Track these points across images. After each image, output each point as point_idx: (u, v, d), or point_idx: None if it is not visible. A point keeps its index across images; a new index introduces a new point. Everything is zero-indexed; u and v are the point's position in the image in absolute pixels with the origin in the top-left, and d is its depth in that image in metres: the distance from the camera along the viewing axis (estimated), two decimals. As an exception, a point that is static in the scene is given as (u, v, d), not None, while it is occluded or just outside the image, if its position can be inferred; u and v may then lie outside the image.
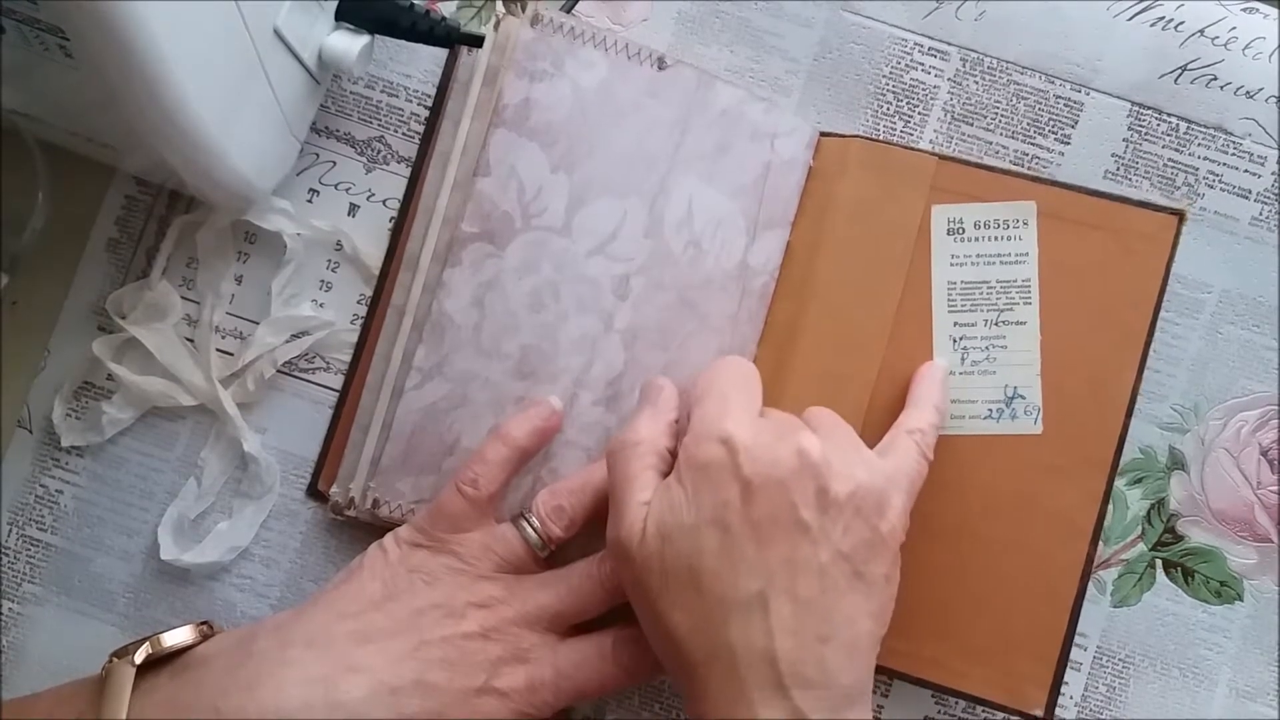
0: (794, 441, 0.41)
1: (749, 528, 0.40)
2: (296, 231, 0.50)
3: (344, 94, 0.51)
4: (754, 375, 0.45)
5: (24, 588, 0.51)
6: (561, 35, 0.47)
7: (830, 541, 0.40)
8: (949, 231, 0.48)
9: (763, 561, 0.40)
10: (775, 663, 0.39)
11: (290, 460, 0.51)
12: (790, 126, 0.49)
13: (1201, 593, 0.51)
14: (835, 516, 0.40)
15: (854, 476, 0.41)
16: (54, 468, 0.51)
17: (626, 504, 0.42)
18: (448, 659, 0.43)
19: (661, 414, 0.45)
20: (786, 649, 0.39)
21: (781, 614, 0.39)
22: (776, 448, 0.41)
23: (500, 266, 0.47)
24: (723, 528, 0.40)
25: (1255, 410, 0.51)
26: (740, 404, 0.43)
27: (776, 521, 0.40)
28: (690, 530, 0.40)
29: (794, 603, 0.39)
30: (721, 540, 0.40)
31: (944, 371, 0.48)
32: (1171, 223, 0.47)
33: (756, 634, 0.39)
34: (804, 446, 0.41)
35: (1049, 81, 0.51)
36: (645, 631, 0.43)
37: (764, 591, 0.39)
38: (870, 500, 0.41)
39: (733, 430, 0.41)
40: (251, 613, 0.50)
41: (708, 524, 0.40)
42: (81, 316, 0.51)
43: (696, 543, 0.40)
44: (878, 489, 0.41)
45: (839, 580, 0.40)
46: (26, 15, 0.37)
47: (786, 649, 0.39)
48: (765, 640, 0.39)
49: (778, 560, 0.40)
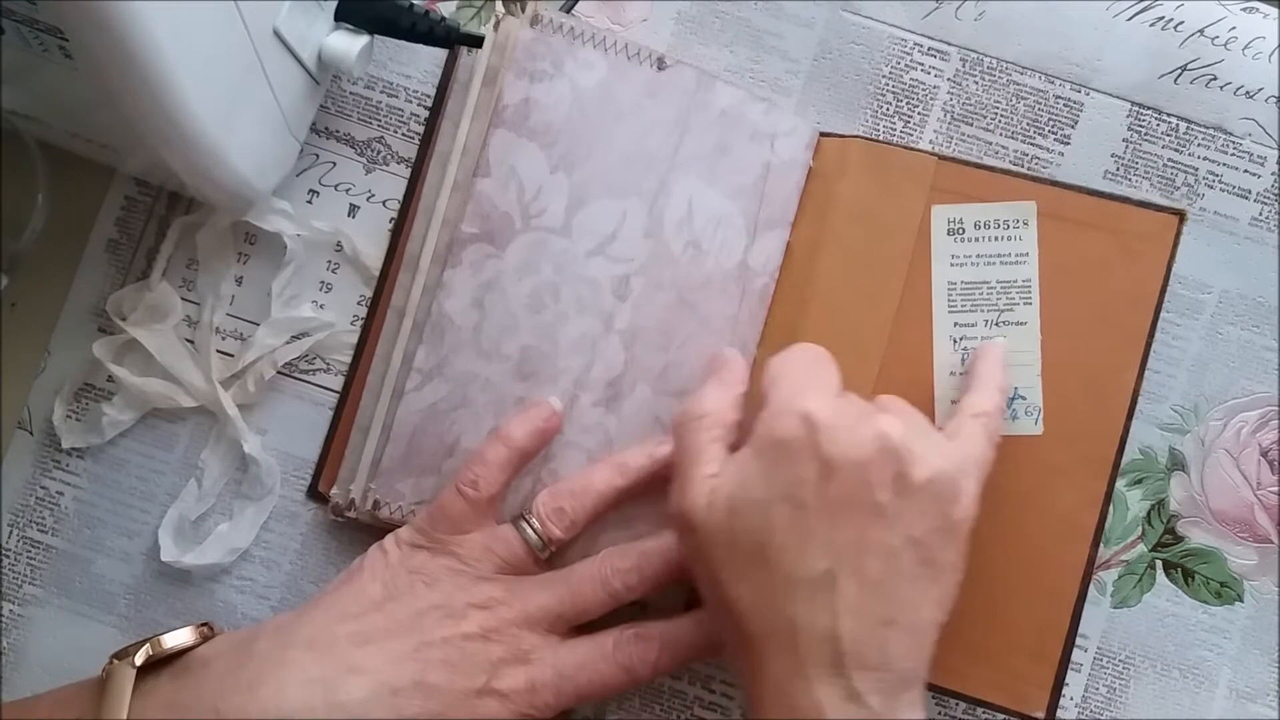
0: (875, 423, 0.40)
1: (824, 505, 0.40)
2: (296, 232, 0.50)
3: (344, 94, 0.51)
4: (829, 358, 0.44)
5: (24, 589, 0.51)
6: (561, 35, 0.47)
7: (903, 526, 0.40)
8: (949, 232, 0.48)
9: (834, 541, 0.39)
10: (837, 642, 0.39)
11: (290, 462, 0.51)
12: (790, 127, 0.49)
13: (1201, 594, 0.51)
14: (911, 501, 0.40)
15: (931, 463, 0.40)
16: (54, 469, 0.51)
17: (692, 476, 0.42)
18: (448, 660, 0.43)
19: (729, 386, 0.45)
20: (849, 629, 0.39)
21: (848, 594, 0.39)
22: (857, 428, 0.40)
23: (500, 267, 0.47)
24: (796, 504, 0.40)
25: (1255, 411, 0.51)
26: (820, 382, 0.42)
27: (852, 502, 0.40)
28: (761, 505, 0.40)
29: (861, 584, 0.39)
30: (793, 516, 0.40)
31: (1003, 350, 0.47)
32: (1172, 223, 0.47)
33: (821, 612, 0.39)
34: (885, 429, 0.40)
35: (1049, 81, 0.51)
36: (705, 603, 0.43)
37: (832, 570, 0.39)
38: (946, 487, 0.41)
39: (814, 408, 0.40)
40: (252, 614, 0.50)
41: (780, 499, 0.40)
42: (81, 318, 0.51)
43: (767, 517, 0.40)
44: (952, 476, 0.41)
45: (908, 565, 0.40)
46: (26, 15, 0.37)
47: (849, 629, 0.39)
48: (829, 619, 0.39)
49: (849, 540, 0.39)
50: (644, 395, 0.48)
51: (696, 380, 0.48)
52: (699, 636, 0.46)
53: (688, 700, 0.51)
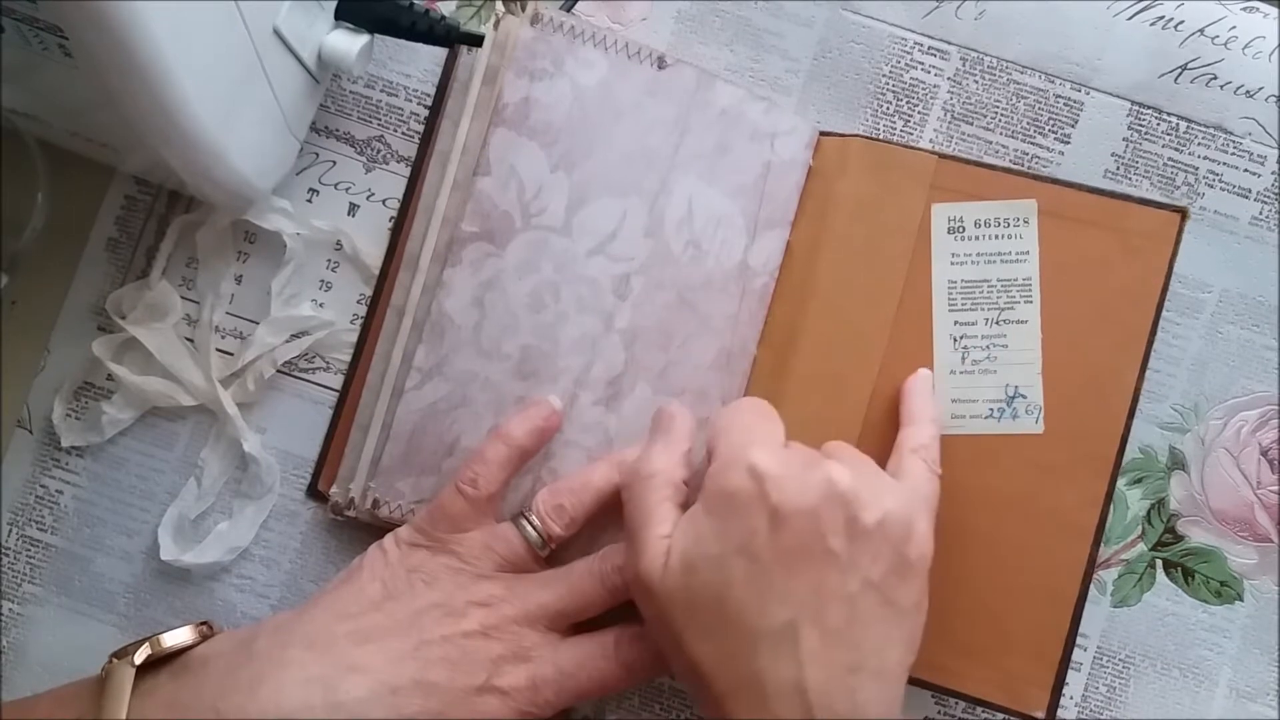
0: (822, 470, 0.40)
1: (778, 556, 0.39)
2: (296, 231, 0.50)
3: (344, 93, 0.51)
4: (772, 411, 0.44)
5: (24, 588, 0.51)
6: (561, 34, 0.47)
7: (859, 570, 0.40)
8: (949, 230, 0.48)
9: (791, 591, 0.39)
10: (805, 693, 0.39)
11: (290, 460, 0.51)
12: (790, 126, 0.49)
13: (1201, 593, 0.51)
14: (864, 545, 0.40)
15: (882, 504, 0.40)
16: (54, 468, 0.51)
17: (646, 538, 0.42)
18: (448, 658, 0.43)
19: (675, 444, 0.45)
20: (816, 679, 0.39)
21: (810, 644, 0.39)
22: (805, 477, 0.40)
23: (500, 266, 0.47)
24: (750, 557, 0.40)
25: (1255, 410, 0.51)
26: (765, 434, 0.42)
27: (805, 550, 0.40)
28: (717, 560, 0.40)
29: (823, 632, 0.39)
30: (749, 570, 0.40)
31: (930, 380, 0.47)
32: (1174, 220, 0.47)
33: (785, 664, 0.39)
34: (832, 475, 0.40)
35: (1049, 81, 0.51)
36: (671, 664, 0.43)
37: (793, 621, 0.39)
38: (898, 527, 0.41)
39: (760, 459, 0.40)
40: (251, 613, 0.50)
41: (735, 553, 0.40)
42: (81, 316, 0.51)
43: (724, 573, 0.40)
44: (905, 515, 0.41)
45: (868, 609, 0.40)
46: (26, 15, 0.37)
47: (816, 679, 0.39)
48: (794, 670, 0.39)
49: (806, 589, 0.39)
50: (644, 394, 0.48)
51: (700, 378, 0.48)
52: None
53: (687, 699, 0.51)
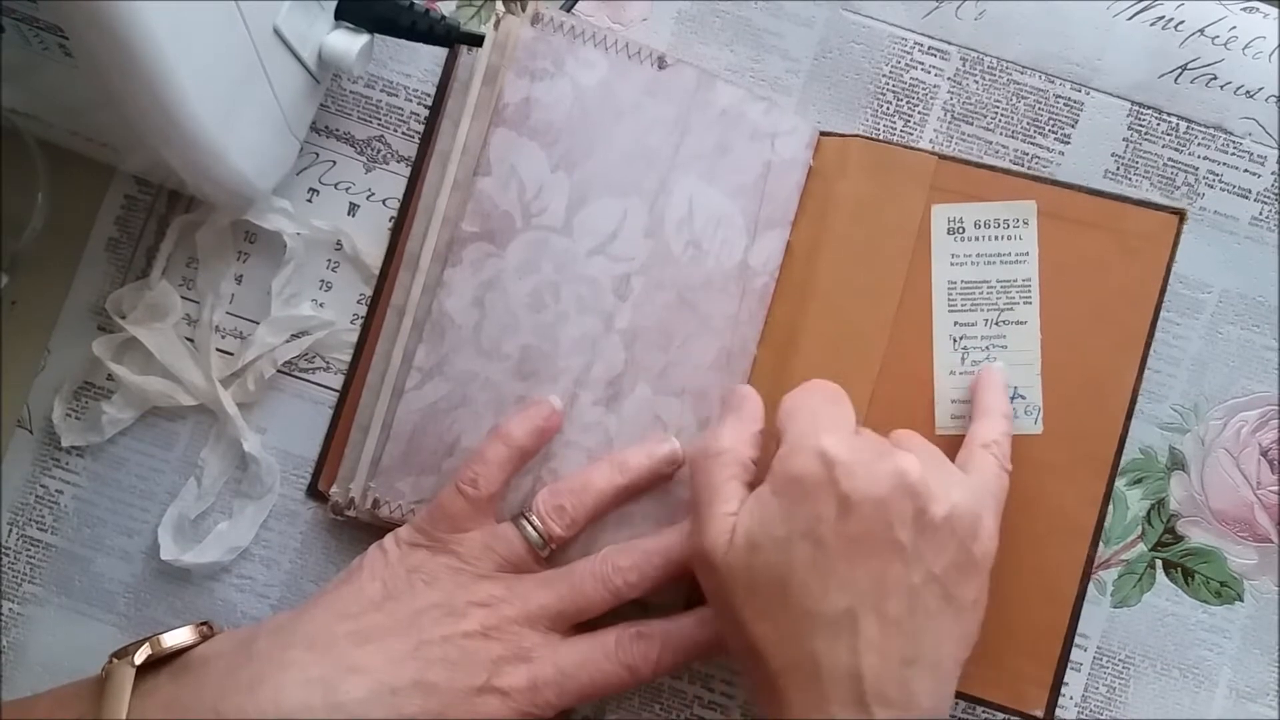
0: (893, 460, 0.40)
1: (842, 543, 0.39)
2: (296, 231, 0.50)
3: (344, 93, 0.51)
4: (844, 395, 0.44)
5: (24, 588, 0.51)
6: (561, 34, 0.47)
7: (924, 563, 0.40)
8: (949, 231, 0.48)
9: (854, 579, 0.39)
10: (859, 680, 0.39)
11: (290, 460, 0.51)
12: (790, 126, 0.49)
13: (1201, 593, 0.51)
14: (930, 538, 0.40)
15: (950, 498, 0.40)
16: (54, 468, 0.51)
17: (711, 514, 0.42)
18: (448, 658, 0.43)
19: (746, 423, 0.45)
20: (871, 667, 0.39)
21: (869, 633, 0.39)
22: (875, 465, 0.40)
23: (500, 266, 0.47)
24: (815, 541, 0.40)
25: (1255, 410, 0.51)
26: (836, 420, 0.42)
27: (871, 539, 0.40)
28: (781, 543, 0.40)
29: (882, 622, 0.39)
30: (813, 554, 0.40)
31: (1004, 374, 0.47)
32: (1172, 222, 0.47)
33: (842, 650, 0.39)
34: (903, 467, 0.40)
35: (1049, 81, 0.51)
36: (727, 638, 0.43)
37: (853, 609, 0.39)
38: (965, 522, 0.41)
39: (830, 445, 0.40)
40: (252, 613, 0.50)
41: (800, 537, 0.40)
42: (81, 316, 0.51)
43: (787, 555, 0.40)
44: (972, 511, 0.41)
45: (929, 602, 0.40)
46: (26, 15, 0.37)
47: (871, 667, 0.39)
48: (850, 657, 0.39)
49: (869, 578, 0.39)
50: (644, 394, 0.48)
51: (701, 378, 0.48)
52: (700, 635, 0.46)
53: (687, 699, 0.51)
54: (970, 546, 0.41)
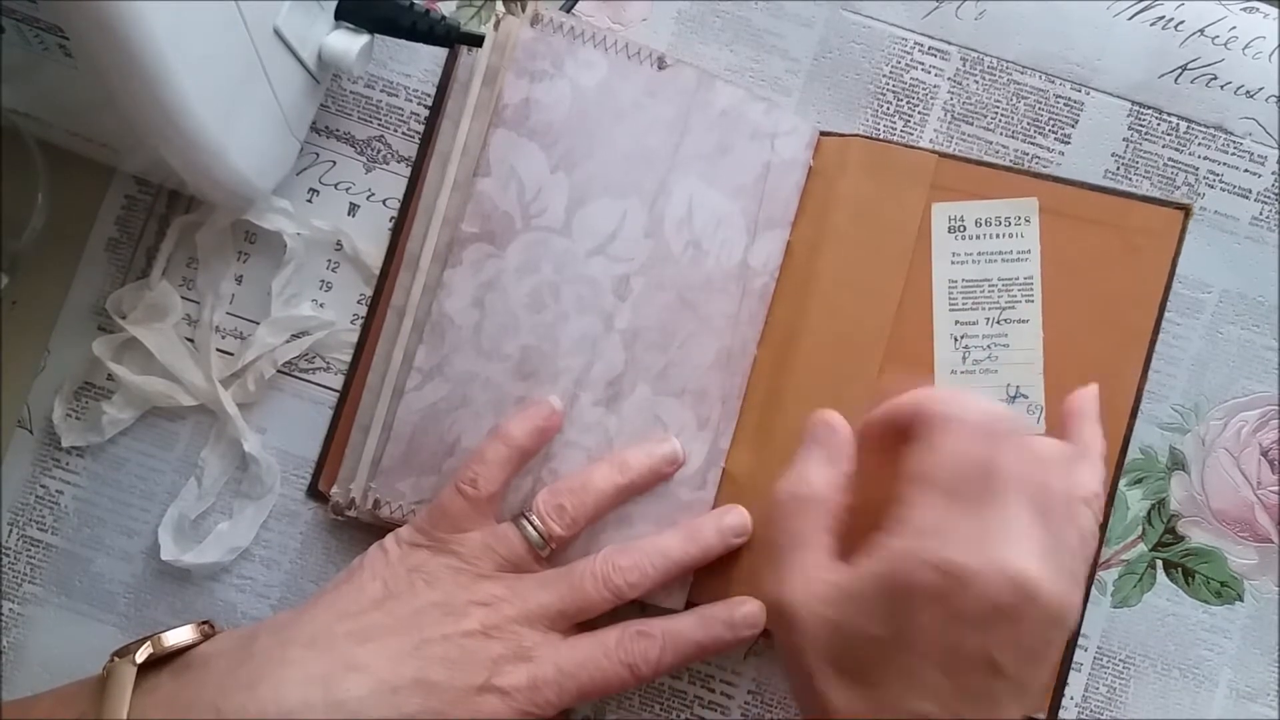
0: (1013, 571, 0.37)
1: (939, 656, 0.38)
2: (296, 231, 0.50)
3: (344, 93, 0.51)
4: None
5: (24, 588, 0.51)
6: (561, 35, 0.47)
7: (1019, 678, 0.38)
8: (950, 229, 0.48)
9: (942, 688, 0.38)
10: None
11: (290, 460, 0.51)
12: (790, 126, 0.49)
13: (1202, 593, 0.51)
14: (1031, 659, 0.38)
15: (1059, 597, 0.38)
16: (54, 468, 0.51)
17: (795, 564, 0.40)
18: (448, 657, 0.43)
19: (836, 464, 0.43)
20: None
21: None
22: (995, 580, 0.37)
23: (500, 267, 0.47)
24: (910, 649, 0.38)
25: (1255, 410, 0.51)
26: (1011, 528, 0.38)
27: (971, 661, 0.38)
28: (873, 641, 0.38)
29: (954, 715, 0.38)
30: (905, 661, 0.38)
31: (1096, 399, 0.45)
32: (1177, 218, 0.47)
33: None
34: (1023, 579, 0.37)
35: (1049, 81, 0.51)
36: (789, 676, 0.42)
37: (934, 714, 0.38)
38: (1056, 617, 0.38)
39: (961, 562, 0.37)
40: (252, 613, 0.50)
41: (894, 639, 0.38)
42: (81, 316, 0.51)
43: (878, 652, 0.38)
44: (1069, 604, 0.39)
45: (1005, 702, 0.38)
46: (26, 15, 0.37)
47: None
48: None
49: (958, 691, 0.38)
50: (644, 395, 0.48)
51: (701, 378, 0.48)
52: (701, 635, 0.46)
53: (687, 700, 0.51)
54: (1050, 637, 0.39)
